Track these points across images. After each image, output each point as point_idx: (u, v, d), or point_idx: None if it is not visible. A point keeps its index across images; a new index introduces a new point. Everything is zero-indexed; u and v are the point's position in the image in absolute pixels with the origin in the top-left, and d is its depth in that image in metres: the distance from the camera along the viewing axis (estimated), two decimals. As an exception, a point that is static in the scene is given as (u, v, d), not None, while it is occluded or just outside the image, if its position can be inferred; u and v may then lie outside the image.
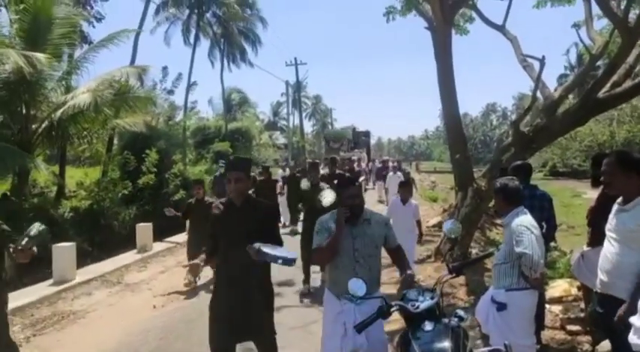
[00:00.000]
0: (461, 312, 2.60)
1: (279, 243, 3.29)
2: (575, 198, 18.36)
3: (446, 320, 2.49)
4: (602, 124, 27.79)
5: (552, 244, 9.40)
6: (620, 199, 2.99)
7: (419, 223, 6.59)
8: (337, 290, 3.07)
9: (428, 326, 2.41)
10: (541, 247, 3.23)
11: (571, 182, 27.26)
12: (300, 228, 7.85)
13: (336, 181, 7.57)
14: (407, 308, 2.53)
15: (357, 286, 2.57)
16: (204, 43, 30.37)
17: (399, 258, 3.25)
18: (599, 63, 8.46)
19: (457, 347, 2.31)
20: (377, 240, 3.14)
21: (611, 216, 3.04)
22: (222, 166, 11.40)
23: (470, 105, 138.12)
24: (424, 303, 2.54)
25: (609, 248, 2.98)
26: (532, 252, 3.10)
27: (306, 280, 6.55)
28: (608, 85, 6.69)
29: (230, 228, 3.31)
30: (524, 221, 3.29)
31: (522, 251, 3.12)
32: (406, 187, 6.82)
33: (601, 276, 3.02)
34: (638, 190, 2.86)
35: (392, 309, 2.55)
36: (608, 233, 3.03)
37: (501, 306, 3.25)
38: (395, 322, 4.18)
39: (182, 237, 9.27)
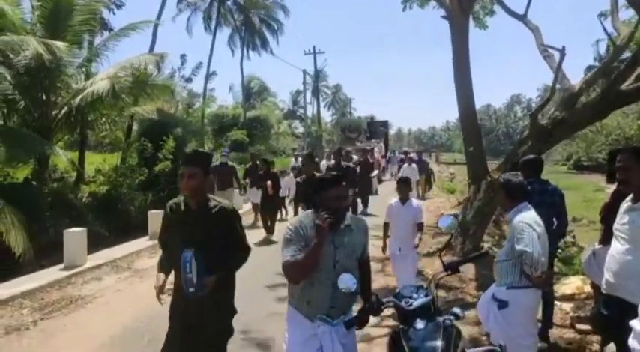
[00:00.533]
0: (457, 310, 2.54)
1: (242, 248, 2.97)
2: (597, 192, 17.86)
3: (440, 319, 2.42)
4: (630, 117, 26.99)
5: (570, 239, 9.24)
6: (630, 197, 2.87)
7: (421, 227, 5.40)
8: (310, 310, 2.58)
9: (420, 324, 2.35)
10: (543, 245, 3.13)
11: (595, 176, 26.55)
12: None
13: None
14: (400, 305, 2.47)
15: (349, 281, 2.52)
16: (225, 31, 30.48)
17: (364, 276, 2.75)
18: (625, 54, 8.17)
19: (448, 346, 2.25)
20: (358, 251, 2.71)
21: (619, 214, 2.92)
22: (225, 155, 11.32)
23: (494, 96, 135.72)
24: (418, 300, 2.47)
25: (617, 247, 2.87)
26: (532, 250, 3.01)
27: None
28: (633, 76, 6.44)
29: (182, 234, 2.88)
30: (526, 217, 3.19)
31: (523, 249, 3.03)
32: (404, 185, 5.56)
33: (607, 277, 2.91)
34: None
35: (384, 306, 2.49)
36: (616, 232, 2.92)
37: (502, 304, 3.18)
38: (388, 318, 4.15)
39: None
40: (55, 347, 4.58)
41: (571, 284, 5.95)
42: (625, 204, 2.90)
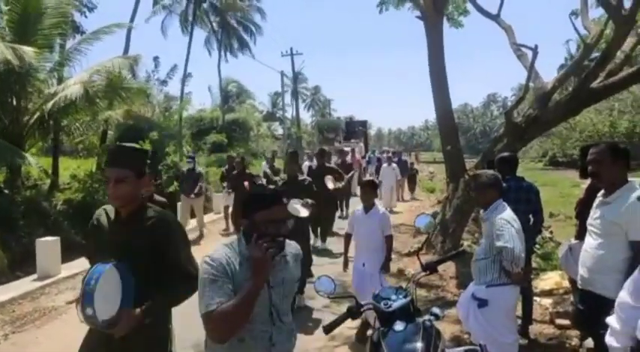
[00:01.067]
0: (436, 310, 2.52)
1: (184, 275, 2.23)
2: (573, 188, 18.22)
3: (419, 320, 2.41)
4: (603, 115, 27.66)
5: (547, 235, 9.37)
6: (602, 191, 2.90)
7: (389, 240, 4.57)
8: None
9: (399, 325, 2.33)
10: (522, 241, 3.15)
11: (570, 172, 27.11)
12: None
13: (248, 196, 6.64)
14: (379, 307, 2.44)
15: (326, 284, 2.48)
16: (202, 34, 30.21)
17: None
18: (595, 53, 8.34)
19: (428, 347, 2.23)
20: (294, 287, 2.14)
21: (593, 208, 2.96)
22: (191, 161, 10.63)
23: (471, 95, 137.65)
24: (397, 302, 2.45)
25: (590, 242, 2.90)
26: (513, 246, 3.03)
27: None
28: (604, 74, 6.58)
29: (109, 247, 2.24)
30: (505, 214, 3.21)
31: (503, 245, 3.05)
32: (369, 188, 4.66)
33: (581, 272, 2.94)
34: (623, 180, 2.78)
35: (363, 309, 2.47)
36: (589, 227, 2.96)
37: (482, 303, 3.18)
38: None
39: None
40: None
41: (549, 280, 6.02)
42: (598, 199, 2.94)
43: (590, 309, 2.85)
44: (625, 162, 2.82)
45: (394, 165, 14.44)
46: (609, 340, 2.25)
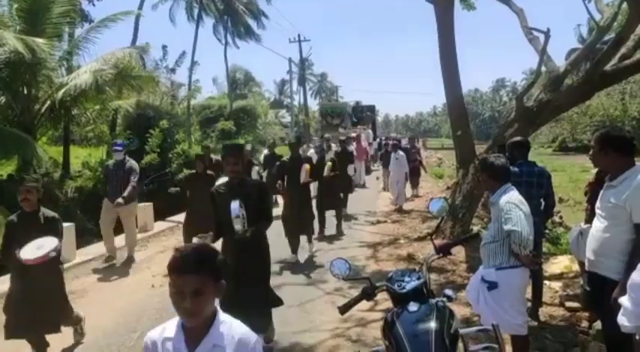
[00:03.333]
0: (449, 292, 2.55)
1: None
2: (583, 173, 18.13)
3: (432, 301, 2.44)
4: (614, 99, 27.29)
5: (557, 219, 9.37)
6: (608, 175, 2.93)
7: None
8: None
9: (413, 306, 2.36)
10: (530, 224, 3.17)
11: (581, 157, 26.91)
12: None
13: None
14: (393, 288, 2.48)
15: (341, 266, 2.52)
16: (208, 21, 30.00)
17: None
18: (607, 36, 8.23)
19: (442, 327, 2.26)
20: None
21: (600, 193, 2.99)
22: (119, 149, 7.33)
23: (480, 80, 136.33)
24: (410, 284, 2.48)
25: (597, 225, 2.95)
26: (521, 229, 3.05)
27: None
28: (617, 57, 6.50)
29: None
30: (512, 198, 3.22)
31: (511, 228, 3.06)
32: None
33: (588, 254, 2.99)
34: (622, 166, 2.80)
35: (377, 290, 2.50)
36: (596, 210, 2.99)
37: (492, 285, 3.20)
38: (382, 302, 4.19)
39: (183, 217, 9.18)
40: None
41: (559, 264, 6.05)
42: (605, 183, 2.97)
43: (596, 290, 2.90)
44: (619, 150, 2.80)
45: (401, 152, 12.21)
46: (621, 319, 2.29)
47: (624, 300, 2.29)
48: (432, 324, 2.27)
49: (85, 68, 11.79)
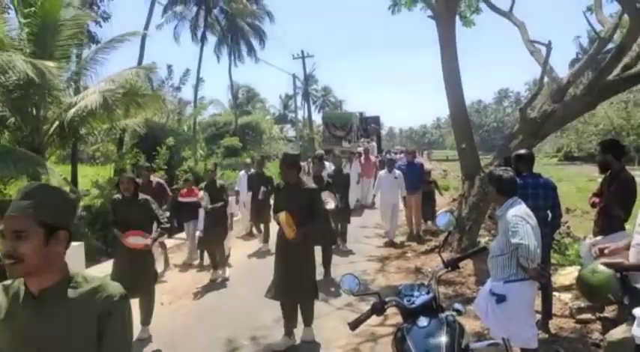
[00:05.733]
0: (458, 306, 2.58)
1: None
2: (590, 182, 18.06)
3: (442, 315, 2.46)
4: (617, 107, 27.28)
5: (564, 230, 9.32)
6: None
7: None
8: None
9: (423, 321, 2.39)
10: (537, 237, 3.19)
11: (586, 167, 26.82)
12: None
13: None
14: (402, 303, 2.50)
15: (350, 282, 2.56)
16: (213, 40, 30.45)
17: None
18: (609, 46, 8.29)
19: (452, 342, 2.29)
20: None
21: None
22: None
23: (482, 92, 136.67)
24: (420, 298, 2.51)
25: (637, 238, 2.85)
26: (528, 242, 3.06)
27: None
28: (619, 67, 6.54)
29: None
30: (519, 211, 3.24)
31: (519, 241, 3.08)
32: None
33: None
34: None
35: (386, 305, 2.52)
36: (637, 225, 2.89)
37: (500, 298, 3.21)
38: (392, 316, 4.19)
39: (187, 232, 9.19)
40: None
41: (568, 275, 6.01)
42: None
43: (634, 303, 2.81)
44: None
45: (397, 172, 9.36)
46: (636, 330, 2.30)
47: (638, 312, 2.30)
48: (443, 339, 2.29)
49: (93, 88, 11.99)
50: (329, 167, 9.90)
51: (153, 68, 14.01)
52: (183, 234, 9.70)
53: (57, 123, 11.48)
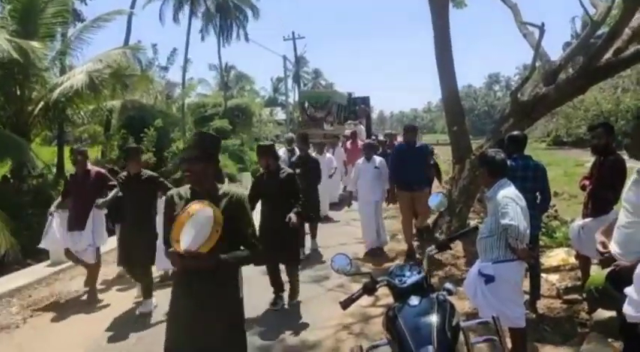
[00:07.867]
0: (449, 286, 2.58)
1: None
2: (578, 167, 18.25)
3: (433, 295, 2.46)
4: (607, 92, 27.42)
5: (552, 212, 9.43)
6: (637, 168, 2.84)
7: None
8: None
9: (414, 300, 2.38)
10: (526, 218, 3.20)
11: (575, 151, 27.10)
12: None
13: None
14: (393, 283, 2.50)
15: (341, 262, 2.54)
16: (198, 20, 29.90)
17: None
18: (601, 31, 8.27)
19: (443, 321, 2.29)
20: None
21: (627, 185, 2.92)
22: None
23: (472, 76, 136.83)
24: (411, 278, 2.51)
25: (622, 219, 2.86)
26: (518, 223, 3.07)
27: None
28: (611, 51, 6.53)
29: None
30: (509, 192, 3.25)
31: (508, 222, 3.09)
32: None
33: (613, 247, 2.88)
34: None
35: (378, 285, 2.52)
36: (623, 202, 2.91)
37: (489, 279, 3.23)
38: (384, 297, 4.22)
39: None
40: (48, 343, 4.55)
41: (556, 256, 6.11)
42: (632, 176, 2.87)
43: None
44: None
45: (378, 159, 7.34)
46: (627, 309, 2.31)
47: (630, 291, 2.31)
48: (434, 318, 2.29)
49: (80, 68, 11.73)
50: (283, 154, 8.40)
51: (140, 48, 13.75)
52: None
53: (42, 103, 11.22)
